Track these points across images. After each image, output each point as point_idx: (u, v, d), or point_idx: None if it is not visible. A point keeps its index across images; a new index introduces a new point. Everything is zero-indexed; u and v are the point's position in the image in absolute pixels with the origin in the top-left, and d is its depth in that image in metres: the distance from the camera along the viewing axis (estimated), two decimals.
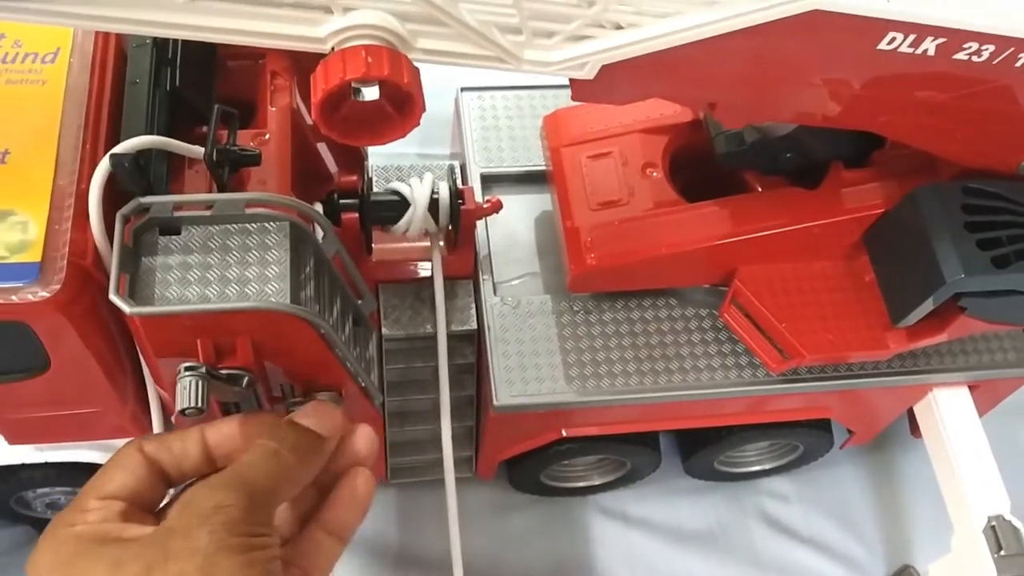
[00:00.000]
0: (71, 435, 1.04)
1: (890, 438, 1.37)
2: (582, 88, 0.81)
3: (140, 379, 0.98)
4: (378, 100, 0.74)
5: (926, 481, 1.22)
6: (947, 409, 1.16)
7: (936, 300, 0.97)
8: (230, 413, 0.98)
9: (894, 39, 0.81)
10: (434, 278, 1.08)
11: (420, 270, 1.15)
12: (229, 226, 0.86)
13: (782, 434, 1.25)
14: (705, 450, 1.27)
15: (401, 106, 0.75)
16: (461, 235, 1.09)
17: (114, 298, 0.78)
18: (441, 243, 1.09)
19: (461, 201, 1.08)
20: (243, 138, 0.93)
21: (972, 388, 1.18)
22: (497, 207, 1.11)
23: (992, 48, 0.83)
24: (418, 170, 1.17)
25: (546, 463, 1.22)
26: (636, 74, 0.79)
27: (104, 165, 0.82)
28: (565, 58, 0.77)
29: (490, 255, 1.17)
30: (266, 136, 0.95)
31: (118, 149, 0.83)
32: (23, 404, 0.94)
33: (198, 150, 0.88)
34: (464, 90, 1.28)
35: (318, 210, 1.01)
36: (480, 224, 1.17)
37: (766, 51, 0.80)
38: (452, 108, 1.31)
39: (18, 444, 1.03)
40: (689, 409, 1.14)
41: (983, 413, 1.20)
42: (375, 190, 1.09)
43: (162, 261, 0.84)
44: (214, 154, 0.86)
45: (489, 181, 1.23)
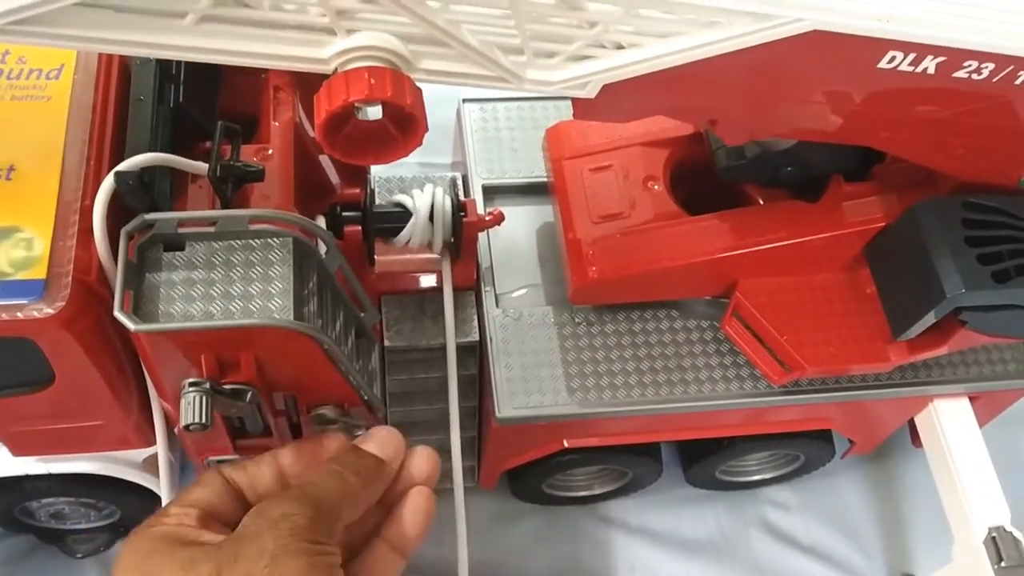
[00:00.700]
0: (75, 447, 1.04)
1: (891, 447, 1.37)
2: (584, 107, 0.82)
3: (144, 391, 0.98)
4: (381, 120, 0.75)
5: (927, 490, 1.22)
6: (948, 420, 1.17)
7: (937, 314, 0.97)
8: (234, 427, 0.99)
9: (894, 58, 0.81)
10: (444, 291, 1.09)
11: (422, 281, 1.16)
12: (233, 242, 0.86)
13: (783, 444, 1.25)
14: (706, 460, 1.27)
15: (404, 126, 0.75)
16: (464, 247, 1.10)
17: (119, 315, 0.79)
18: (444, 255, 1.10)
19: (463, 213, 1.08)
20: (246, 153, 0.94)
21: (973, 399, 1.18)
22: (499, 219, 1.11)
23: (992, 66, 0.83)
24: (420, 181, 1.17)
25: (548, 473, 1.23)
26: (637, 93, 0.80)
27: (108, 182, 0.83)
28: (566, 78, 0.78)
29: (492, 266, 1.18)
30: (269, 151, 0.96)
31: (122, 166, 0.83)
32: (28, 417, 0.95)
33: (202, 166, 0.88)
34: (466, 101, 1.29)
35: (321, 224, 1.02)
36: (482, 235, 1.18)
37: (767, 70, 0.80)
38: (454, 118, 1.32)
39: (23, 456, 1.04)
40: (691, 420, 1.14)
41: (983, 424, 1.20)
42: (378, 202, 1.10)
43: (166, 277, 0.84)
44: (218, 170, 0.86)
45: (491, 192, 1.23)
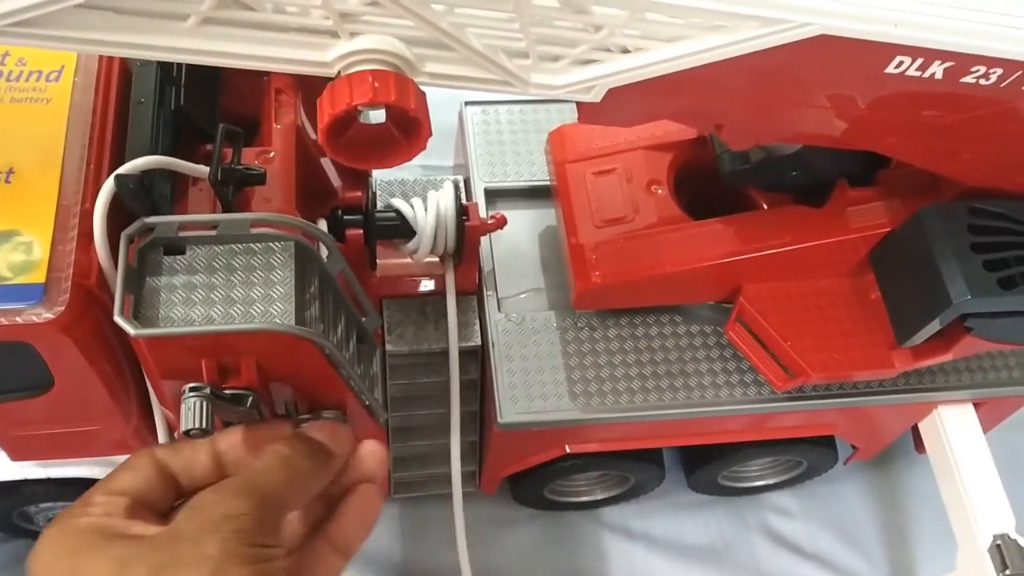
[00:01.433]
0: (74, 451, 1.03)
1: (894, 453, 1.36)
2: (590, 111, 0.81)
3: (144, 395, 0.98)
4: (384, 124, 0.75)
5: (930, 497, 1.22)
6: (952, 427, 1.16)
7: (942, 321, 0.96)
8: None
9: (901, 63, 0.80)
10: (447, 296, 1.08)
11: (424, 285, 1.15)
12: (234, 246, 0.85)
13: (786, 450, 1.25)
14: (709, 465, 1.26)
15: (407, 130, 0.74)
16: (466, 251, 1.09)
17: (119, 320, 0.78)
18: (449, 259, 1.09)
19: (466, 217, 1.08)
20: (248, 156, 0.93)
21: (977, 405, 1.18)
22: (502, 223, 1.11)
23: (1000, 71, 0.83)
24: (422, 185, 1.17)
25: (550, 478, 1.22)
26: (643, 97, 0.79)
27: (109, 186, 0.82)
28: (572, 81, 0.77)
29: (494, 270, 1.17)
30: (271, 154, 0.95)
31: (123, 170, 0.82)
32: (27, 422, 0.94)
33: (203, 169, 0.88)
34: (468, 104, 1.28)
35: (322, 227, 1.01)
36: (484, 239, 1.17)
37: (773, 74, 0.79)
38: (456, 120, 1.31)
39: (21, 460, 1.03)
40: (693, 426, 1.14)
41: (988, 430, 1.20)
42: (379, 205, 1.09)
43: (166, 281, 0.83)
44: (219, 174, 0.85)
45: (493, 196, 1.23)
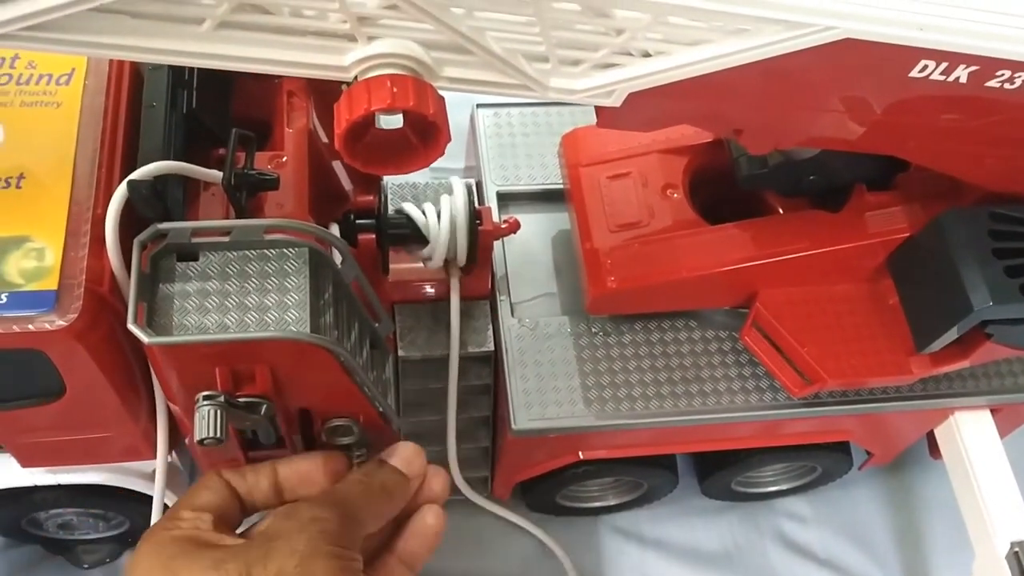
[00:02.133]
0: (84, 458, 1.02)
1: (909, 459, 1.35)
2: (608, 115, 0.80)
3: (153, 399, 0.97)
4: (401, 129, 0.73)
5: (945, 503, 1.21)
6: (969, 433, 1.15)
7: (962, 328, 0.95)
8: (247, 439, 0.97)
9: (926, 67, 0.79)
10: (451, 307, 1.08)
11: (436, 290, 1.14)
12: (248, 252, 0.84)
13: (801, 456, 1.24)
14: (722, 471, 1.25)
15: (425, 136, 0.73)
16: (479, 256, 1.08)
17: (132, 327, 0.77)
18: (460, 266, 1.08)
19: (479, 222, 1.07)
20: (260, 160, 0.92)
21: (994, 412, 1.16)
22: (515, 227, 1.10)
23: None
24: (434, 189, 1.16)
25: (563, 484, 1.21)
26: (663, 102, 0.78)
27: (121, 191, 0.81)
28: (592, 86, 0.76)
29: (507, 275, 1.16)
30: (283, 159, 0.94)
31: (135, 175, 0.81)
32: (38, 429, 0.93)
33: (216, 174, 0.87)
34: (480, 106, 1.27)
35: (335, 233, 1.00)
36: (497, 244, 1.16)
37: (797, 79, 0.78)
38: (467, 122, 1.30)
39: (32, 467, 1.02)
40: (708, 432, 1.13)
41: (1004, 435, 1.19)
42: (391, 209, 1.08)
43: (180, 288, 0.82)
44: (232, 179, 0.84)
45: (505, 199, 1.22)
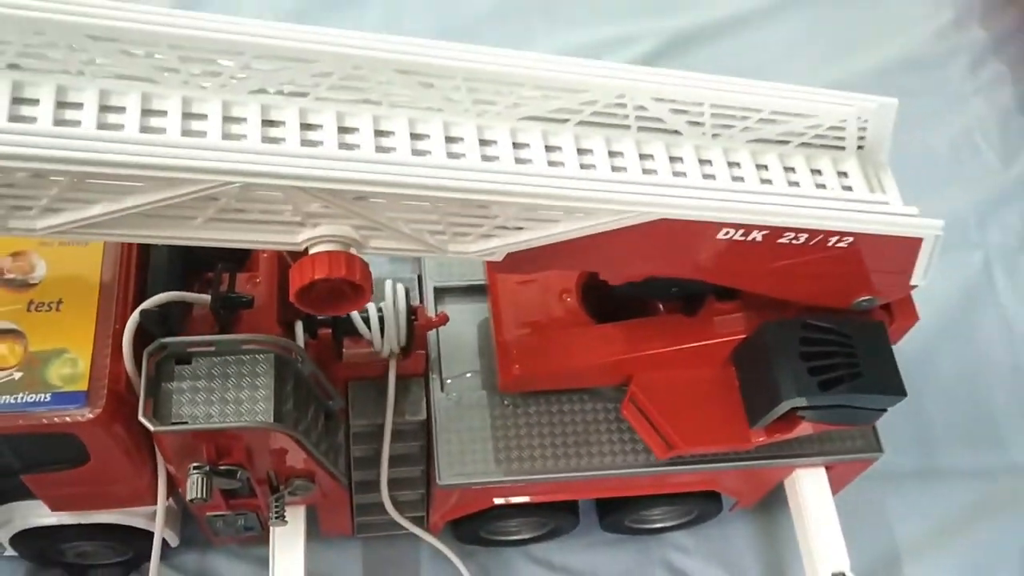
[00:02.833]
0: (100, 504, 1.31)
1: (776, 501, 1.64)
2: (495, 266, 1.09)
3: (155, 461, 1.25)
4: (339, 285, 1.02)
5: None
6: (805, 486, 1.44)
7: (775, 413, 1.24)
8: (232, 497, 1.26)
9: (728, 232, 1.08)
10: (388, 385, 1.35)
11: (381, 369, 1.42)
12: (227, 357, 1.13)
13: (675, 502, 1.52)
14: (616, 513, 1.54)
15: (355, 290, 1.02)
16: (415, 343, 1.37)
17: (142, 419, 1.06)
18: (397, 351, 1.36)
19: (414, 317, 1.35)
20: (241, 280, 1.21)
21: (828, 468, 1.45)
22: (444, 320, 1.38)
23: (806, 236, 1.11)
24: (380, 285, 1.44)
25: (482, 523, 1.50)
26: (531, 256, 1.07)
27: (135, 317, 1.10)
28: (479, 249, 1.05)
29: (440, 356, 1.44)
30: (258, 280, 1.22)
31: (145, 305, 1.10)
32: (66, 484, 1.21)
33: (205, 299, 1.15)
34: None
35: (299, 331, 1.28)
36: (432, 332, 1.44)
37: (630, 241, 1.07)
38: None
39: (59, 511, 1.30)
40: (598, 485, 1.41)
41: (840, 487, 1.48)
42: None
43: (177, 386, 1.11)
44: (218, 304, 1.13)
45: (441, 292, 1.50)
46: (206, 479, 1.12)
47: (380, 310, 1.33)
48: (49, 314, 1.11)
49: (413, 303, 1.38)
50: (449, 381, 1.43)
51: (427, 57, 1.02)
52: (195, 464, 1.13)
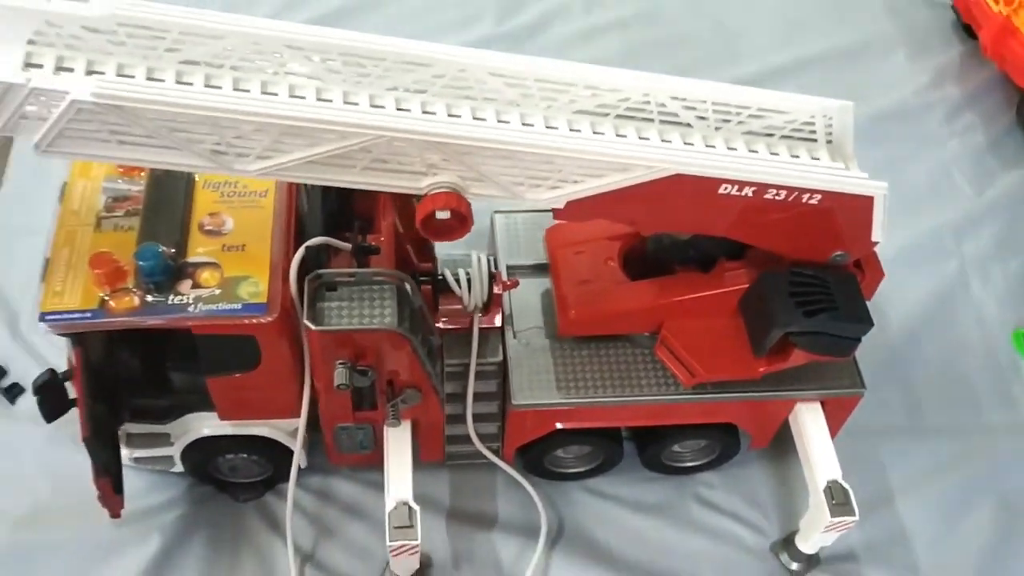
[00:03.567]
0: (257, 413, 1.71)
1: (785, 451, 1.97)
2: (559, 213, 1.50)
3: (302, 376, 1.65)
4: (449, 219, 1.44)
5: None
6: (805, 417, 1.80)
7: (772, 338, 1.62)
8: (355, 402, 1.66)
9: (726, 187, 1.49)
10: (472, 333, 1.75)
11: (467, 323, 1.83)
12: (363, 286, 1.56)
13: (701, 435, 1.89)
14: (653, 447, 1.91)
15: (461, 222, 1.44)
16: (493, 301, 1.78)
17: (305, 322, 1.48)
18: (480, 307, 1.77)
19: (494, 281, 1.77)
20: (369, 239, 1.65)
21: (824, 403, 1.82)
22: (515, 284, 1.79)
23: (785, 192, 1.51)
24: (467, 261, 1.86)
25: (546, 450, 1.87)
26: (585, 204, 1.49)
27: (300, 253, 1.53)
28: (547, 197, 1.47)
29: (512, 314, 1.85)
30: (381, 239, 1.66)
31: (307, 243, 1.54)
32: (239, 389, 1.62)
33: (347, 246, 1.59)
34: (496, 212, 1.99)
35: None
36: (505, 295, 1.85)
37: (654, 194, 1.48)
38: (488, 224, 2.01)
39: (226, 420, 1.71)
40: (636, 412, 1.79)
41: (837, 426, 1.84)
42: (439, 273, 1.78)
43: (327, 305, 1.53)
44: (357, 249, 1.57)
45: (512, 269, 1.92)
46: (349, 371, 1.53)
47: (468, 274, 1.75)
48: (237, 253, 1.54)
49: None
50: (520, 332, 1.84)
51: (506, 63, 1.46)
52: (340, 360, 1.54)
